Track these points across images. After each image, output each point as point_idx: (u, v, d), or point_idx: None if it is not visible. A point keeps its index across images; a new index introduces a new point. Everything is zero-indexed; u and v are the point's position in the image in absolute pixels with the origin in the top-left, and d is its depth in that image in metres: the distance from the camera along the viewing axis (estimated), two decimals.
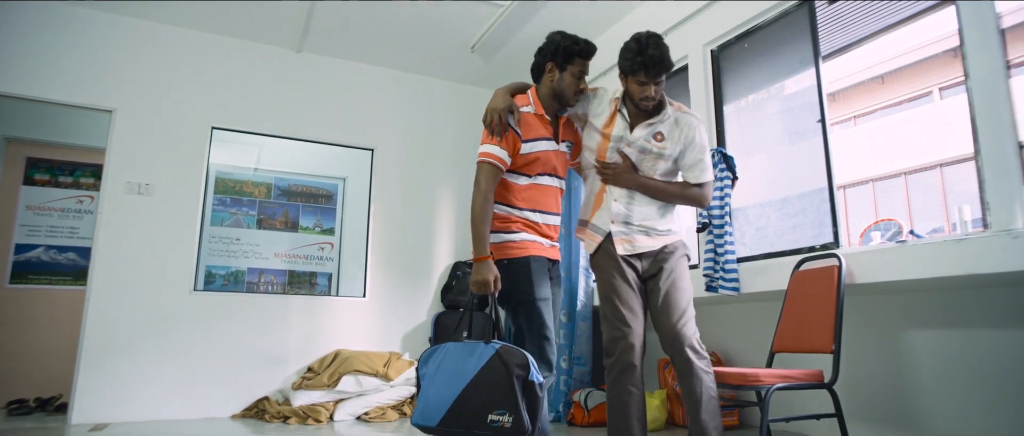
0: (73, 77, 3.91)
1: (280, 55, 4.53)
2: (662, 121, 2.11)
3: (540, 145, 2.05)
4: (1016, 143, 2.04)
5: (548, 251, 2.09)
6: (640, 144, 2.11)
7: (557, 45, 2.08)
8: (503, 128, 1.97)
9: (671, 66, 2.06)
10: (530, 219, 2.05)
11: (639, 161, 2.12)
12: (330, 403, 3.85)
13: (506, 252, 2.00)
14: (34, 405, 4.24)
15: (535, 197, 2.07)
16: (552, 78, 2.08)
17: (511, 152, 2.00)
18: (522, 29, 4.14)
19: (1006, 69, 2.09)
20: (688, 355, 1.96)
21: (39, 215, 4.86)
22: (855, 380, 2.72)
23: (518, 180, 2.05)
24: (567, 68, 2.07)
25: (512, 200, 2.04)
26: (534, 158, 2.04)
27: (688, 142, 2.11)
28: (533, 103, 2.10)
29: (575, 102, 2.13)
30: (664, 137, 2.10)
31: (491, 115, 1.97)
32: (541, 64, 2.11)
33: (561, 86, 2.08)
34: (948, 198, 7.44)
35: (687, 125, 2.12)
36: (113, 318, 3.76)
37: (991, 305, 2.37)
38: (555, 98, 2.10)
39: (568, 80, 2.08)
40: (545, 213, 2.09)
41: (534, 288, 1.98)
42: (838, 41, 2.85)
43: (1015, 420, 2.25)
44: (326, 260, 4.69)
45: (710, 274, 2.97)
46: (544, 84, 2.11)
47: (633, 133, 2.12)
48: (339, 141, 4.64)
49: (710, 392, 1.96)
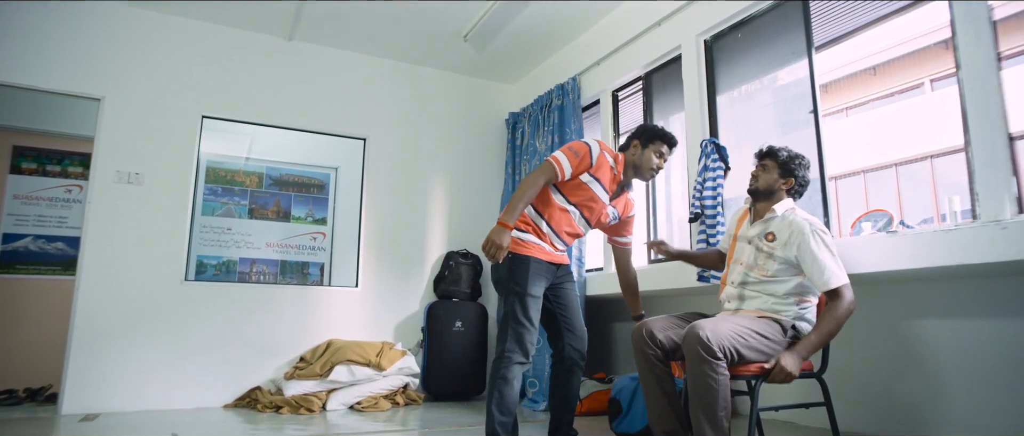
0: (61, 64, 3.86)
1: (271, 43, 4.48)
2: (774, 220, 2.19)
3: (597, 187, 2.37)
4: (1006, 135, 2.05)
5: (552, 256, 2.39)
6: (756, 243, 2.20)
7: (646, 130, 2.46)
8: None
9: (773, 153, 2.27)
10: (543, 229, 2.37)
11: (755, 258, 2.19)
12: (323, 393, 3.85)
13: (516, 247, 2.30)
14: (24, 395, 4.22)
15: (560, 218, 2.37)
16: (635, 153, 2.44)
17: (575, 171, 2.30)
18: (515, 18, 4.11)
19: (997, 61, 2.10)
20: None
21: (27, 204, 4.81)
22: (844, 369, 2.74)
23: (558, 198, 2.36)
24: (649, 147, 2.42)
25: (541, 208, 2.37)
26: (586, 190, 2.35)
27: (800, 250, 2.07)
28: (615, 161, 2.43)
29: (651, 177, 2.45)
30: (775, 237, 2.15)
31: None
32: (629, 142, 2.49)
33: (640, 160, 2.42)
34: (938, 189, 7.49)
35: (796, 229, 2.10)
36: (103, 308, 3.74)
37: (979, 295, 2.39)
38: (633, 169, 2.45)
39: (647, 156, 2.42)
40: (558, 236, 2.40)
41: (529, 284, 2.26)
42: (831, 32, 2.85)
43: (1003, 409, 2.28)
44: (318, 250, 4.67)
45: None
46: (628, 157, 2.47)
47: (751, 230, 2.25)
48: (331, 130, 4.61)
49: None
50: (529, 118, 4.69)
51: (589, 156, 2.31)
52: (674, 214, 3.67)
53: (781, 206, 2.19)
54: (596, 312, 4.27)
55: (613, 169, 2.40)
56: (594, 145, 2.35)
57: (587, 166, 2.32)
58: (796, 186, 2.24)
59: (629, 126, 4.09)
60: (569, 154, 2.30)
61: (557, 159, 2.28)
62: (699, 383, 1.89)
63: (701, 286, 3.03)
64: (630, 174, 2.47)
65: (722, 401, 1.88)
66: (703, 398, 1.89)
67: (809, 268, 2.05)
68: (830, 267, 2.02)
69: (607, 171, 2.38)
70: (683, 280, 3.12)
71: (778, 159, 2.23)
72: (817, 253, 2.03)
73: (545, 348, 3.97)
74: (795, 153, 2.26)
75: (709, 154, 3.10)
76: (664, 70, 3.76)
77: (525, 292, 2.25)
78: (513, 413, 2.21)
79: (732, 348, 1.92)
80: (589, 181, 2.35)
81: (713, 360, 1.88)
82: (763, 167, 2.25)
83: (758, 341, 1.99)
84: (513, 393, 2.22)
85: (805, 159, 2.27)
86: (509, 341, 2.22)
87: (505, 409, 2.19)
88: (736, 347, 1.93)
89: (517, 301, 2.25)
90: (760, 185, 2.23)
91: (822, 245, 2.05)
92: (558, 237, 2.41)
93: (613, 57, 4.06)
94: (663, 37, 3.64)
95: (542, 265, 2.33)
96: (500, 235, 2.12)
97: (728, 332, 1.94)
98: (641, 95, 3.94)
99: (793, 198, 2.26)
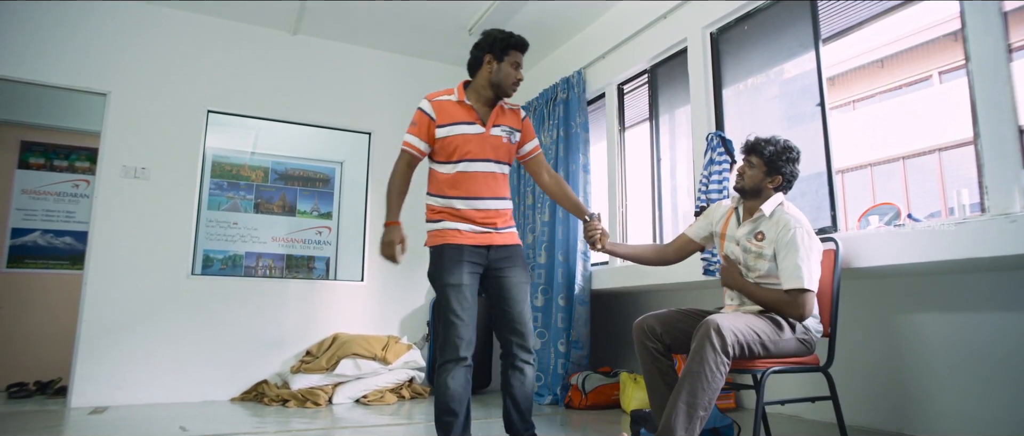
0: (67, 60, 3.88)
1: (276, 38, 4.48)
2: (763, 220, 2.13)
3: (456, 129, 2.17)
4: (1016, 127, 2.03)
5: (471, 238, 2.15)
6: (744, 244, 2.17)
7: (495, 39, 2.21)
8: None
9: (759, 148, 2.17)
10: (454, 207, 2.17)
11: (745, 259, 2.17)
12: (329, 386, 3.86)
13: (430, 240, 2.18)
14: (34, 388, 4.26)
15: (460, 183, 2.17)
16: (490, 69, 2.21)
17: (427, 138, 2.18)
18: (520, 12, 4.10)
19: (1007, 53, 2.08)
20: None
21: (35, 199, 4.84)
22: (851, 364, 2.73)
23: (443, 169, 2.19)
24: (505, 59, 2.20)
25: (441, 189, 2.19)
26: (450, 143, 2.17)
27: (780, 244, 2.05)
28: (457, 92, 2.22)
29: (513, 91, 2.23)
30: (764, 236, 2.11)
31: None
32: (479, 58, 2.23)
33: (499, 76, 2.20)
34: (946, 183, 7.44)
35: (785, 225, 2.05)
36: (111, 302, 3.76)
37: (988, 289, 2.38)
38: (492, 88, 2.22)
39: (506, 70, 2.20)
40: (472, 198, 2.18)
41: (444, 274, 2.11)
42: (838, 24, 2.82)
43: (1012, 403, 2.27)
44: (324, 244, 4.68)
45: (708, 258, 2.98)
46: (481, 76, 2.23)
47: (739, 230, 2.20)
48: (336, 125, 4.62)
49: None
50: (535, 112, 4.68)
51: (425, 115, 2.17)
52: (680, 207, 3.66)
53: (769, 205, 2.12)
54: (601, 307, 4.27)
55: (456, 103, 2.20)
56: (423, 103, 2.20)
57: (429, 123, 2.16)
58: (784, 183, 2.16)
59: (634, 120, 4.08)
60: (410, 128, 2.20)
61: (404, 142, 2.20)
62: (698, 372, 1.87)
63: (706, 280, 3.02)
64: (490, 94, 2.22)
65: (709, 399, 1.87)
66: (694, 387, 1.86)
67: (782, 260, 2.03)
68: (803, 267, 1.99)
69: (452, 108, 2.19)
70: (688, 274, 3.11)
71: (763, 156, 2.13)
72: (798, 249, 2.00)
73: (551, 341, 3.97)
74: (782, 146, 2.14)
75: (715, 147, 3.08)
76: (670, 63, 3.74)
77: (444, 282, 2.10)
78: (457, 412, 2.06)
79: (746, 343, 1.93)
80: (447, 131, 2.16)
81: (722, 354, 1.88)
82: (749, 163, 2.16)
83: (767, 338, 1.99)
84: (452, 392, 2.05)
85: (794, 151, 2.16)
86: (441, 340, 2.10)
87: (445, 409, 2.06)
88: (749, 343, 1.94)
89: (441, 294, 2.12)
90: (747, 184, 2.16)
91: (804, 245, 2.01)
92: (477, 200, 2.17)
93: (619, 50, 4.04)
94: (669, 30, 3.62)
95: (461, 250, 2.12)
96: (386, 235, 2.12)
97: (743, 327, 1.94)
98: (647, 88, 3.92)
99: (783, 192, 2.19)
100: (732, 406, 3.36)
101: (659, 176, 3.79)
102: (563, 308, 3.91)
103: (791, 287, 2.00)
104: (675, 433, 1.84)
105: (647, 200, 3.86)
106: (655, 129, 3.84)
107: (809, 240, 2.03)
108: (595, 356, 4.25)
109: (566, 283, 3.95)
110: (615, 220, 4.03)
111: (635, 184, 4.04)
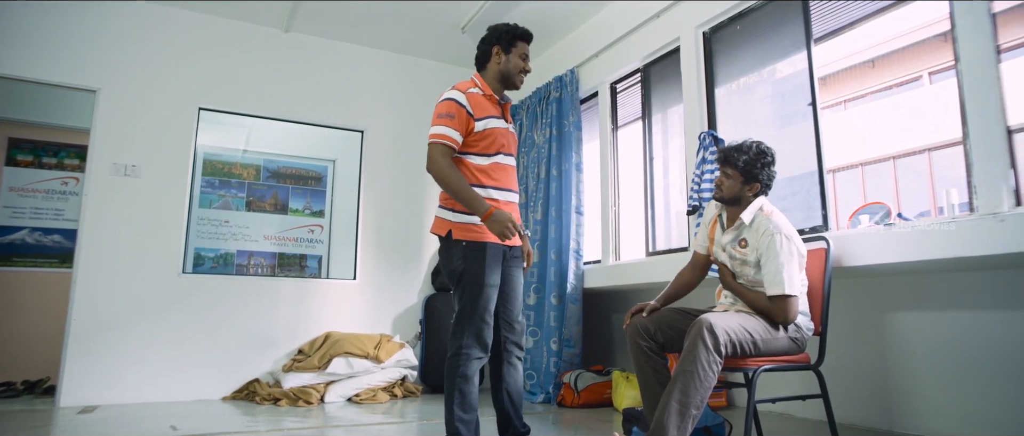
0: (56, 56, 3.84)
1: (268, 35, 4.46)
2: (744, 227, 2.15)
3: (491, 122, 2.16)
4: (1005, 127, 2.05)
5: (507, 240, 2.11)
6: (730, 251, 2.19)
7: (502, 31, 2.22)
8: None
9: (734, 159, 2.15)
10: (495, 198, 2.15)
11: (732, 266, 2.19)
12: (321, 385, 3.85)
13: (468, 234, 2.12)
14: (22, 388, 4.22)
15: (498, 175, 2.18)
16: (499, 61, 2.21)
17: (463, 132, 2.10)
18: (513, 9, 4.09)
19: (996, 54, 2.09)
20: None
21: (23, 197, 4.79)
22: (841, 362, 2.75)
23: (479, 160, 2.16)
24: (512, 50, 2.21)
25: (477, 179, 2.15)
26: (489, 135, 2.14)
27: (761, 250, 2.06)
28: (480, 85, 2.21)
29: (521, 83, 2.24)
30: (747, 243, 2.13)
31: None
32: (487, 51, 2.23)
33: (508, 67, 2.20)
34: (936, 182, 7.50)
35: (765, 231, 2.06)
36: (101, 301, 3.73)
37: (977, 288, 2.40)
38: (501, 80, 2.23)
39: (515, 61, 2.21)
40: (508, 191, 2.21)
41: (486, 273, 2.08)
42: (830, 24, 2.84)
43: (1001, 401, 2.29)
44: (316, 242, 4.67)
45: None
46: (490, 69, 2.23)
47: (724, 237, 2.22)
48: (328, 122, 4.60)
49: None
50: (527, 110, 4.67)
51: (462, 107, 2.09)
52: (672, 207, 3.67)
53: (749, 212, 2.14)
54: (593, 305, 4.27)
55: (485, 96, 2.18)
56: (454, 94, 2.12)
57: (467, 116, 2.10)
58: (762, 189, 2.17)
59: (627, 118, 4.08)
60: (446, 121, 2.08)
61: (439, 135, 2.07)
62: (691, 371, 1.87)
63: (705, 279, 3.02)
64: (499, 87, 2.23)
65: (701, 398, 1.88)
66: (686, 386, 1.86)
67: (766, 265, 2.04)
68: (784, 273, 2.00)
69: (483, 102, 2.16)
70: None
71: (738, 167, 2.13)
72: (779, 254, 2.02)
73: (543, 339, 3.98)
74: (755, 153, 2.13)
75: (707, 146, 3.09)
76: (663, 62, 3.75)
77: (484, 283, 2.07)
78: (475, 410, 2.09)
79: (738, 342, 1.94)
80: (484, 125, 2.12)
81: (715, 353, 1.89)
82: (725, 174, 2.17)
83: (760, 337, 2.01)
84: (474, 390, 2.10)
85: (768, 155, 2.16)
86: (467, 337, 2.07)
87: (468, 406, 2.07)
88: (742, 341, 1.95)
89: (477, 293, 2.07)
90: (725, 194, 2.18)
91: (784, 251, 2.02)
92: (510, 193, 2.21)
93: (612, 49, 4.04)
94: (662, 29, 3.62)
95: (498, 250, 2.13)
96: (502, 218, 1.99)
97: (735, 326, 1.96)
98: (640, 87, 3.93)
99: (763, 195, 2.20)
100: (723, 404, 3.37)
101: (652, 175, 3.80)
102: (555, 306, 3.92)
103: (773, 293, 2.03)
104: (667, 432, 1.85)
105: (640, 199, 3.87)
106: (648, 128, 3.84)
107: (789, 244, 2.04)
108: (587, 354, 4.25)
109: (558, 281, 3.95)
110: (608, 219, 4.03)
111: (628, 183, 4.05)
